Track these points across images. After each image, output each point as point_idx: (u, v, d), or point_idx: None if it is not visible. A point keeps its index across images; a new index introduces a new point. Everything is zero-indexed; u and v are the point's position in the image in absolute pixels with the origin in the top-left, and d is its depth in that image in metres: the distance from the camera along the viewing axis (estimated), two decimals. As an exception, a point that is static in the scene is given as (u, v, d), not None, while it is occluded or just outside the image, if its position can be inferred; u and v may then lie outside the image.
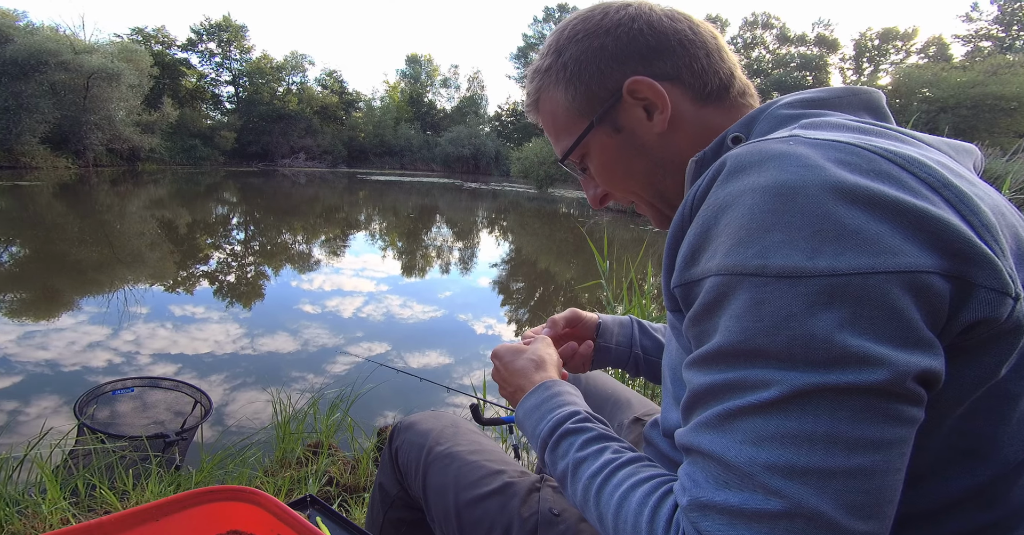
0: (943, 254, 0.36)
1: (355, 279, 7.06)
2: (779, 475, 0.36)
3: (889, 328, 0.35)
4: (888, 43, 39.02)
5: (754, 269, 0.39)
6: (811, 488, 0.35)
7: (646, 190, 0.65)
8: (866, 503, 0.35)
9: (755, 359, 0.38)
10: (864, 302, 0.36)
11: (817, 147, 0.41)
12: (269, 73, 40.83)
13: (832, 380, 0.35)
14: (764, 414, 0.37)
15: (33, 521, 1.54)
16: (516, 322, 5.79)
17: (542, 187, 23.93)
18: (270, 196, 19.65)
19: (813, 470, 0.35)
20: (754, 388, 0.38)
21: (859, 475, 0.35)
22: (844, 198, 0.38)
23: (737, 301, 0.39)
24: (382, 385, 3.01)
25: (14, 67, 20.85)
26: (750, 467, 0.37)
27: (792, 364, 0.36)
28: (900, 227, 0.37)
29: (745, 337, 0.38)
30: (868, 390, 0.35)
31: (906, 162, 0.40)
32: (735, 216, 0.41)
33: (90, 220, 10.92)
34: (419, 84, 52.24)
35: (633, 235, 11.69)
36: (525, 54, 47.43)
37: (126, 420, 2.40)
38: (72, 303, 5.22)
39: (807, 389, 0.36)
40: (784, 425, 0.36)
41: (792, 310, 0.37)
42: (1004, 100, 21.13)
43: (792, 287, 0.37)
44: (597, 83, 0.60)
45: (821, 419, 0.35)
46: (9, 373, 3.40)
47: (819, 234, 0.37)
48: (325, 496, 1.89)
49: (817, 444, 0.35)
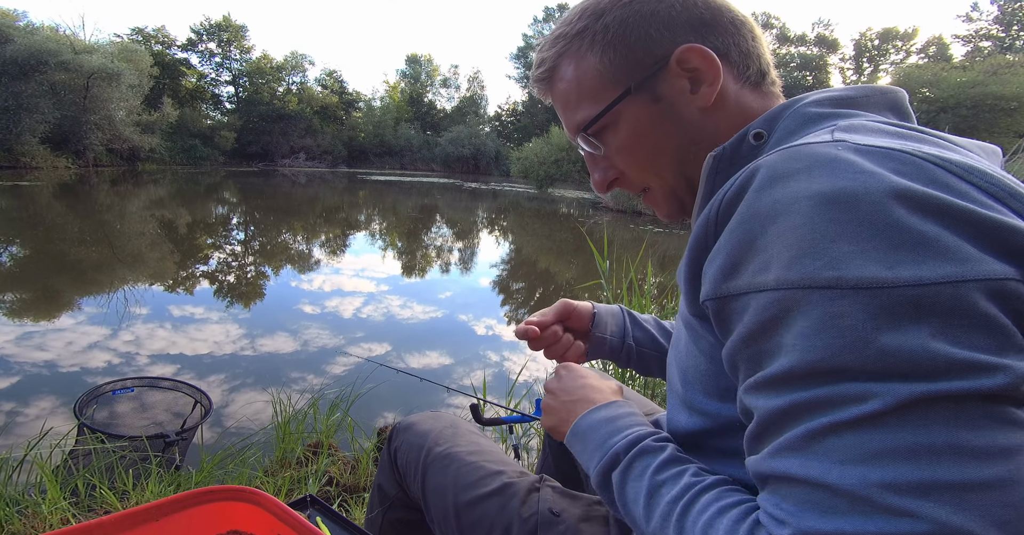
0: (1019, 261, 0.35)
1: (355, 279, 7.06)
2: (904, 493, 0.32)
3: (987, 336, 0.34)
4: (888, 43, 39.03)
5: (826, 281, 0.36)
6: (949, 505, 0.31)
7: (672, 170, 0.61)
8: (1013, 519, 0.31)
9: (843, 376, 0.35)
10: (955, 312, 0.34)
11: (868, 154, 0.40)
12: (269, 73, 40.83)
13: (944, 388, 0.32)
14: (866, 429, 0.33)
15: (33, 521, 1.54)
16: (516, 322, 5.78)
17: (542, 187, 23.93)
18: (270, 196, 19.65)
19: (945, 484, 0.31)
20: (848, 403, 0.34)
21: (999, 487, 0.31)
22: (911, 207, 0.36)
23: (808, 317, 0.36)
24: (382, 385, 3.01)
25: (14, 67, 20.84)
26: (862, 488, 0.33)
27: (890, 377, 0.33)
28: (974, 236, 0.35)
29: (827, 354, 0.35)
30: (985, 396, 0.32)
31: (964, 171, 0.39)
32: (789, 226, 0.38)
33: (90, 220, 10.92)
34: (419, 84, 52.24)
35: (633, 235, 11.70)
36: (525, 54, 47.40)
37: (126, 420, 2.40)
38: (72, 303, 5.22)
39: (916, 398, 0.33)
40: (894, 439, 0.33)
41: (879, 323, 0.34)
42: (1004, 100, 21.11)
43: (874, 299, 0.34)
44: (642, 48, 0.57)
45: (938, 429, 0.32)
46: (8, 373, 3.40)
47: (893, 243, 0.35)
48: (325, 496, 1.89)
49: (942, 456, 0.32)
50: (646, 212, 15.91)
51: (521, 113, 50.55)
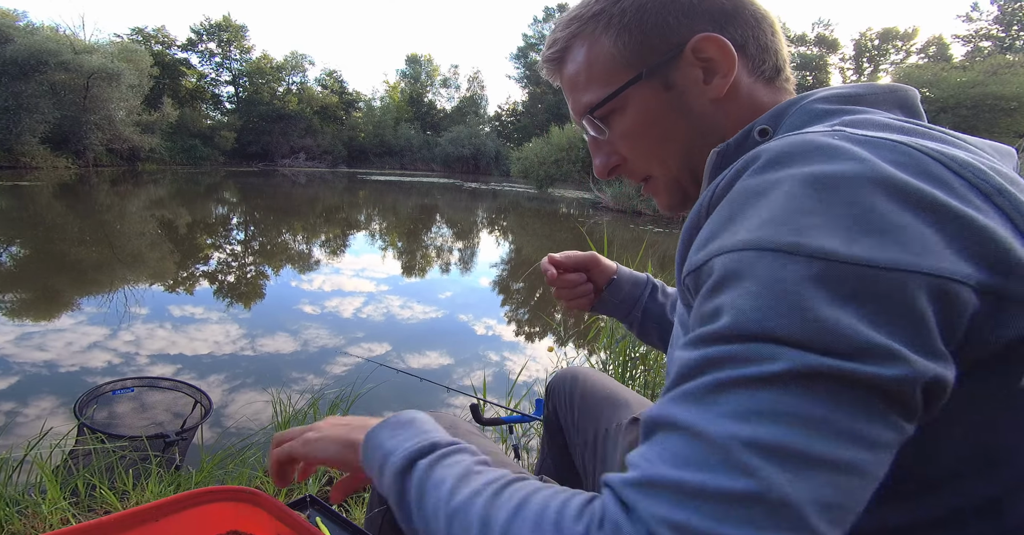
0: (982, 266, 0.35)
1: (355, 279, 7.06)
2: (758, 453, 0.32)
3: (912, 330, 0.34)
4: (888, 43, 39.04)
5: (783, 245, 0.36)
6: (788, 472, 0.31)
7: (676, 160, 0.60)
8: (839, 504, 0.32)
9: (764, 338, 0.34)
10: (892, 300, 0.34)
11: (866, 144, 0.40)
12: (269, 73, 40.85)
13: (847, 368, 0.32)
14: (761, 388, 0.33)
15: (33, 521, 1.54)
16: (516, 322, 5.79)
17: (542, 187, 23.93)
18: (270, 196, 19.65)
19: (796, 453, 0.31)
20: (757, 361, 0.34)
21: (844, 470, 0.32)
22: (892, 194, 0.36)
23: (754, 278, 0.36)
24: (382, 385, 3.01)
25: (14, 67, 20.85)
26: (726, 441, 0.32)
27: (806, 347, 0.33)
28: (944, 232, 0.35)
29: (759, 316, 0.35)
30: (879, 385, 0.33)
31: (959, 166, 0.39)
32: (769, 200, 0.39)
33: (90, 220, 10.92)
34: (419, 84, 52.26)
35: (633, 235, 11.70)
36: (525, 54, 47.41)
37: (126, 420, 2.40)
38: (72, 303, 5.22)
39: (817, 370, 0.33)
40: (781, 401, 0.33)
41: (817, 293, 0.34)
42: (1004, 100, 21.10)
43: (822, 270, 0.35)
44: (658, 34, 0.56)
45: (821, 403, 0.32)
46: (8, 374, 3.40)
47: (861, 224, 0.36)
48: (325, 496, 1.89)
49: (811, 428, 0.32)
50: (646, 212, 15.91)
51: (521, 113, 50.55)
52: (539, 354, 4.50)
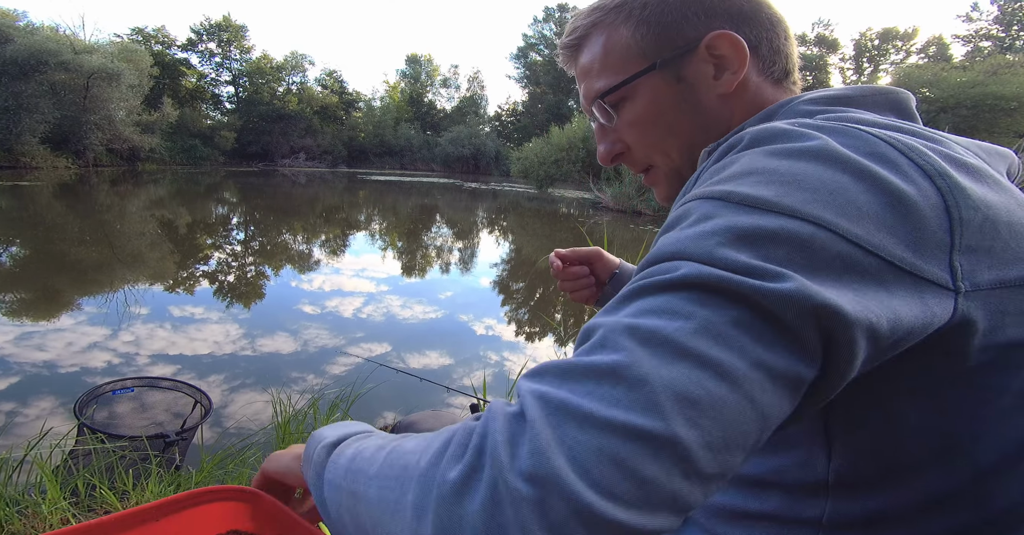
0: (902, 242, 0.36)
1: (355, 279, 7.06)
2: (632, 336, 0.32)
3: (808, 265, 0.34)
4: (888, 43, 39.04)
5: (717, 193, 0.39)
6: (655, 357, 0.31)
7: (680, 151, 0.62)
8: (701, 405, 0.30)
9: (675, 257, 0.36)
10: (804, 246, 0.35)
11: (822, 129, 0.42)
12: (269, 73, 40.86)
13: (736, 280, 0.33)
14: (659, 293, 0.35)
15: (33, 521, 1.54)
16: (516, 322, 5.79)
17: (542, 187, 23.94)
18: (270, 196, 19.66)
19: (667, 340, 0.32)
20: (662, 272, 0.36)
21: (712, 371, 0.31)
22: (834, 165, 0.38)
23: (685, 218, 0.39)
24: (382, 385, 3.01)
25: (14, 67, 20.86)
26: (611, 328, 0.34)
27: (706, 263, 0.35)
28: (875, 200, 0.36)
29: (678, 244, 0.37)
30: (765, 303, 0.32)
31: (907, 148, 0.40)
32: (725, 172, 0.42)
33: (90, 220, 10.92)
34: (419, 84, 52.28)
35: (633, 235, 11.70)
36: (525, 54, 47.44)
37: (126, 420, 2.40)
38: (72, 303, 5.22)
39: (708, 279, 0.33)
40: (670, 301, 0.34)
41: (737, 231, 0.36)
42: (1004, 100, 21.11)
43: (747, 213, 0.36)
44: (675, 29, 0.58)
45: (707, 307, 0.33)
46: (8, 374, 3.40)
47: (796, 182, 0.37)
48: (325, 496, 1.89)
49: (689, 322, 0.32)
50: (646, 212, 15.91)
51: (521, 113, 50.57)
52: (539, 354, 4.50)
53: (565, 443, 0.29)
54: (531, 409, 0.31)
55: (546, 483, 0.28)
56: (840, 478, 0.45)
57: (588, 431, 0.29)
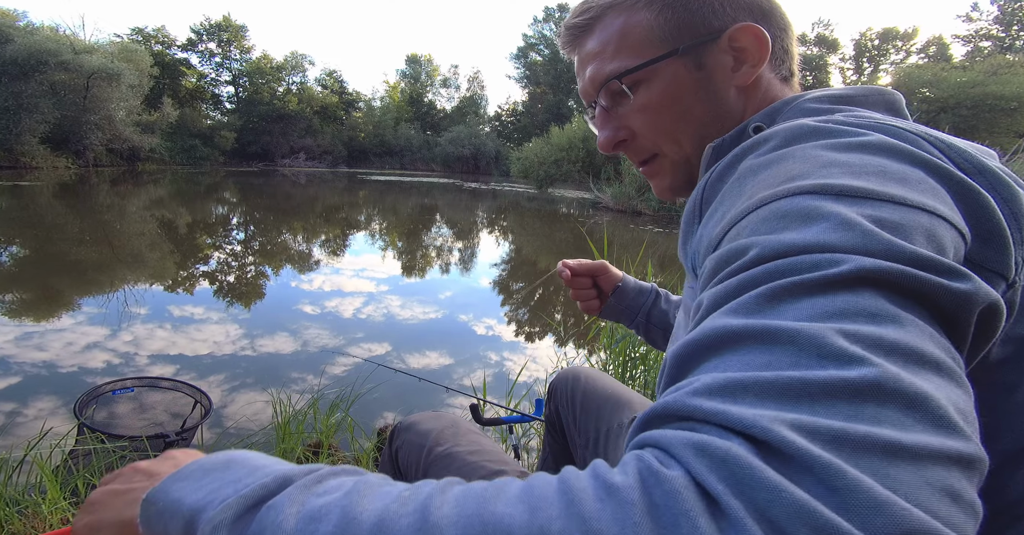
0: (972, 229, 0.36)
1: (355, 279, 7.06)
2: (860, 343, 0.27)
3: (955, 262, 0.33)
4: (888, 43, 39.03)
5: (810, 188, 0.35)
6: (901, 367, 0.26)
7: (691, 140, 0.61)
8: (963, 408, 0.27)
9: (818, 249, 0.31)
10: (931, 236, 0.33)
11: (861, 125, 0.42)
12: (269, 73, 40.84)
13: (917, 275, 0.29)
14: (831, 291, 0.29)
15: (33, 521, 1.54)
16: (516, 322, 5.79)
17: (542, 187, 23.93)
18: (270, 196, 19.65)
19: (903, 348, 0.27)
20: (818, 267, 0.30)
21: (948, 375, 0.28)
22: (900, 156, 0.38)
23: (778, 218, 0.34)
24: (382, 385, 3.01)
25: (14, 67, 20.85)
26: (818, 334, 0.27)
27: (869, 253, 0.30)
28: (950, 191, 0.37)
29: (801, 234, 0.32)
30: (946, 299, 0.30)
31: (946, 146, 0.41)
32: (783, 166, 0.39)
33: (90, 220, 10.92)
34: (419, 84, 52.27)
35: (633, 235, 11.69)
36: (525, 54, 47.43)
37: (126, 420, 2.40)
38: (71, 303, 5.22)
39: (888, 273, 0.29)
40: (859, 301, 0.29)
41: (860, 216, 0.32)
42: (1004, 100, 21.12)
43: (858, 204, 0.33)
44: (700, 18, 0.58)
45: (899, 305, 0.29)
46: (8, 373, 3.39)
47: (883, 173, 0.36)
48: (325, 496, 1.88)
49: (901, 326, 0.28)
50: (646, 212, 15.91)
51: (521, 113, 50.56)
52: (539, 354, 4.50)
53: (893, 487, 0.23)
54: (794, 444, 0.23)
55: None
56: None
57: (902, 466, 0.23)
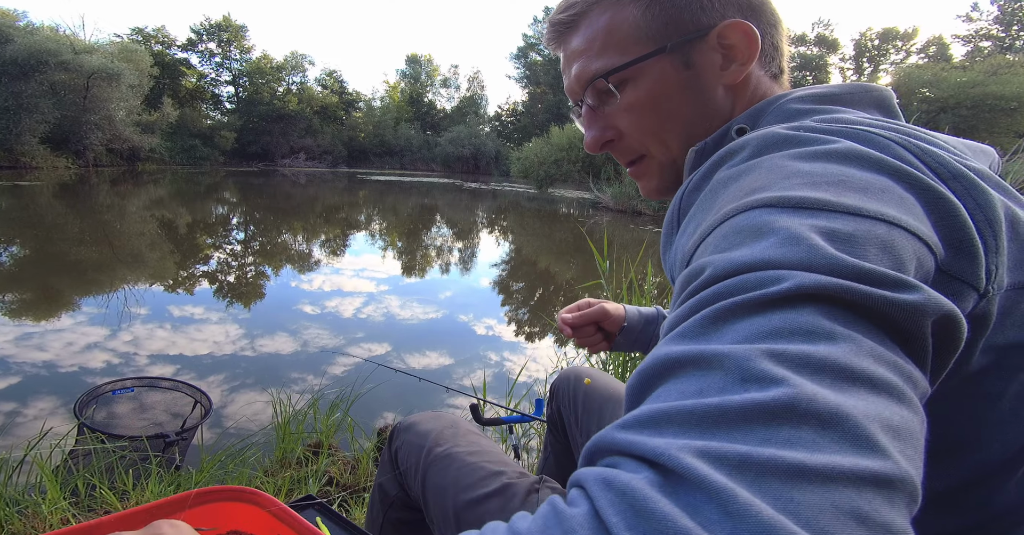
0: (943, 238, 0.35)
1: (355, 279, 7.06)
2: (784, 363, 0.26)
3: (908, 271, 0.32)
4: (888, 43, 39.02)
5: (767, 200, 0.35)
6: (827, 387, 0.25)
7: (678, 140, 0.60)
8: (898, 428, 0.25)
9: (764, 267, 0.31)
10: (887, 246, 0.32)
11: (831, 132, 0.41)
12: (269, 73, 40.83)
13: (860, 290, 0.28)
14: (771, 310, 0.29)
15: (33, 521, 1.54)
16: (516, 322, 5.79)
17: (542, 187, 23.93)
18: (270, 196, 19.65)
19: (831, 365, 0.26)
20: (761, 285, 0.30)
21: (887, 391, 0.26)
22: (868, 165, 0.37)
23: (740, 230, 0.34)
24: (382, 385, 3.00)
25: (14, 67, 20.85)
26: (744, 356, 0.27)
27: (812, 269, 0.29)
28: (918, 199, 0.36)
29: (751, 251, 0.32)
30: (893, 312, 0.29)
31: (920, 151, 0.39)
32: (750, 178, 0.39)
33: (90, 220, 10.92)
34: (419, 84, 52.26)
35: (633, 235, 11.69)
36: (525, 54, 47.40)
37: (126, 420, 2.40)
38: (71, 303, 5.22)
39: (829, 290, 0.28)
40: (797, 319, 0.28)
41: (813, 231, 0.31)
42: (1004, 100, 21.12)
43: (812, 217, 0.33)
44: (689, 14, 0.56)
45: (840, 322, 0.28)
46: (8, 374, 3.39)
47: (842, 183, 0.35)
48: (325, 496, 1.89)
49: (837, 343, 0.27)
50: (646, 212, 15.90)
51: (521, 113, 50.55)
52: (539, 354, 4.50)
53: (790, 510, 0.21)
54: (695, 470, 0.22)
55: None
56: None
57: (806, 488, 0.22)
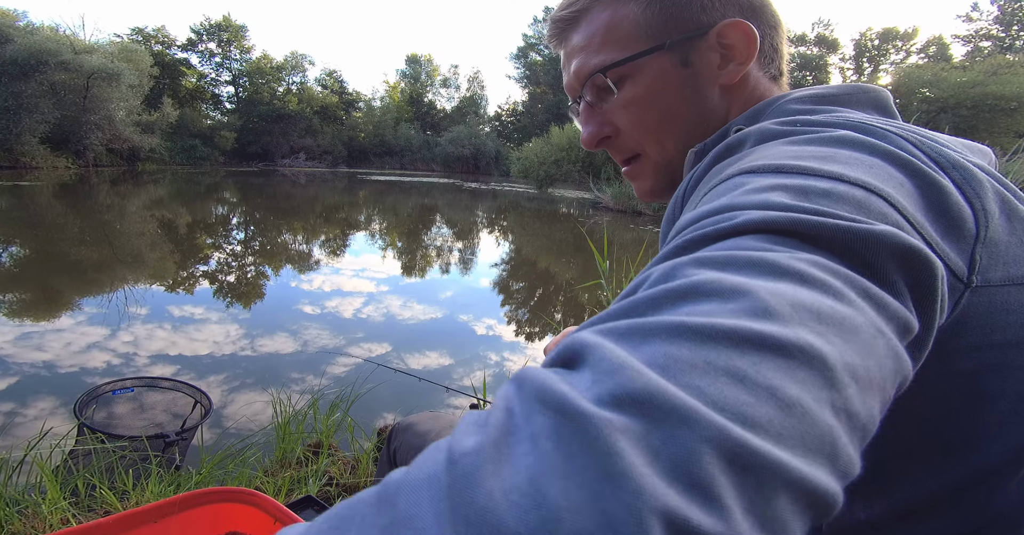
0: (941, 225, 0.34)
1: (355, 279, 7.06)
2: (704, 265, 0.26)
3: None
4: (888, 43, 39.01)
5: (748, 168, 0.36)
6: (751, 276, 0.25)
7: (674, 141, 0.60)
8: (832, 325, 0.23)
9: (727, 210, 0.31)
10: (862, 205, 0.31)
11: (828, 124, 0.42)
12: (269, 73, 40.83)
13: (822, 222, 0.28)
14: (714, 242, 0.29)
15: (33, 521, 1.54)
16: (516, 322, 5.79)
17: (542, 187, 23.93)
18: (270, 196, 19.65)
19: (764, 262, 0.26)
20: (714, 225, 0.30)
21: (858, 336, 0.24)
22: (863, 148, 0.37)
23: (716, 193, 0.35)
24: (382, 385, 3.01)
25: (14, 67, 20.85)
26: (670, 267, 0.27)
27: (775, 210, 0.30)
28: (912, 183, 0.35)
29: (718, 204, 0.32)
30: (860, 239, 0.28)
31: (918, 140, 0.40)
32: (745, 161, 0.39)
33: (90, 220, 10.92)
34: (419, 84, 52.24)
35: (633, 235, 11.69)
36: (525, 54, 47.39)
37: (126, 420, 2.40)
38: (71, 303, 5.22)
39: (784, 223, 0.28)
40: (738, 243, 0.28)
41: (792, 187, 0.31)
42: (1004, 100, 21.12)
43: (788, 177, 0.33)
44: (688, 12, 0.56)
45: (789, 250, 0.27)
46: (8, 374, 3.40)
47: (830, 158, 0.35)
48: (325, 496, 1.89)
49: (769, 252, 0.27)
50: (646, 212, 15.90)
51: (521, 113, 50.54)
52: (539, 354, 4.49)
53: (655, 362, 0.20)
54: (590, 341, 0.22)
55: (647, 404, 0.19)
56: None
57: (682, 343, 0.21)
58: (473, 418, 0.22)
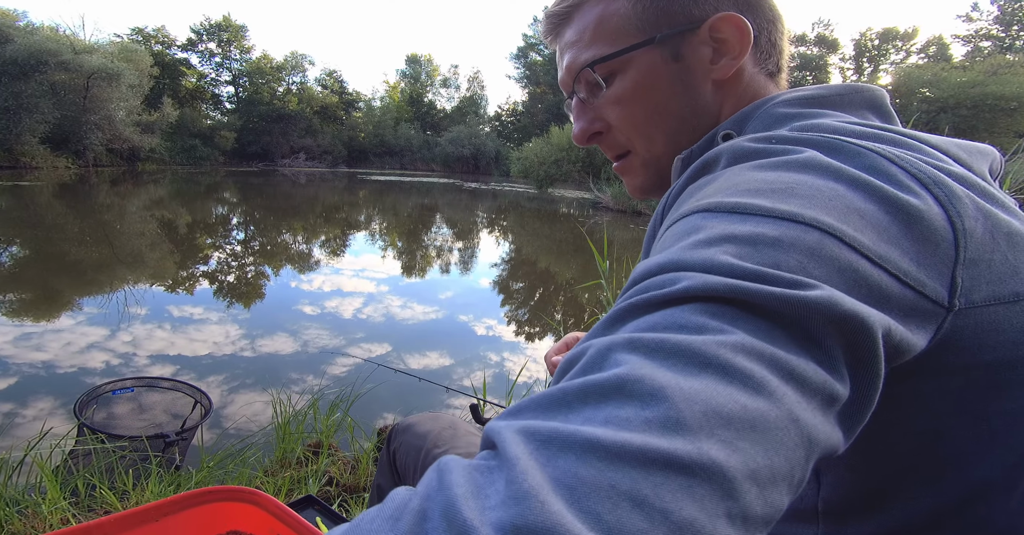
0: (905, 252, 0.33)
1: (355, 280, 7.06)
2: (635, 349, 0.27)
3: (833, 280, 0.31)
4: (888, 43, 39.01)
5: (703, 207, 0.36)
6: (672, 371, 0.25)
7: (664, 137, 0.59)
8: (742, 430, 0.24)
9: (671, 268, 0.32)
10: (814, 253, 0.31)
11: (802, 141, 0.41)
12: (269, 73, 40.83)
13: (759, 290, 0.28)
14: (660, 308, 0.29)
15: (33, 521, 1.54)
16: (516, 322, 5.79)
17: (542, 187, 23.94)
18: (270, 196, 19.65)
19: (681, 350, 0.26)
20: (660, 286, 0.31)
21: (739, 383, 0.25)
22: (826, 174, 0.36)
23: (673, 236, 0.35)
24: (382, 385, 3.01)
25: (14, 67, 20.85)
26: (607, 346, 0.28)
27: (710, 271, 0.30)
28: (876, 210, 0.34)
29: (668, 256, 0.32)
30: (789, 311, 0.28)
31: (896, 158, 0.38)
32: (708, 188, 0.40)
33: (90, 220, 10.92)
34: (419, 84, 52.24)
35: (633, 235, 11.69)
36: (525, 54, 47.40)
37: (126, 420, 2.40)
38: (71, 303, 5.22)
39: (716, 288, 0.29)
40: (675, 315, 0.28)
41: (737, 238, 0.32)
42: (1004, 100, 21.13)
43: (741, 221, 0.33)
44: (680, 6, 0.55)
45: (721, 318, 0.28)
46: (8, 374, 3.40)
47: (789, 190, 0.35)
48: (325, 496, 1.89)
49: (702, 333, 0.27)
50: (646, 212, 15.91)
51: (521, 113, 50.54)
52: (539, 354, 4.50)
53: (563, 482, 0.21)
54: (510, 446, 0.23)
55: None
56: (829, 506, 0.43)
57: (592, 463, 0.22)
58: (395, 504, 0.23)
